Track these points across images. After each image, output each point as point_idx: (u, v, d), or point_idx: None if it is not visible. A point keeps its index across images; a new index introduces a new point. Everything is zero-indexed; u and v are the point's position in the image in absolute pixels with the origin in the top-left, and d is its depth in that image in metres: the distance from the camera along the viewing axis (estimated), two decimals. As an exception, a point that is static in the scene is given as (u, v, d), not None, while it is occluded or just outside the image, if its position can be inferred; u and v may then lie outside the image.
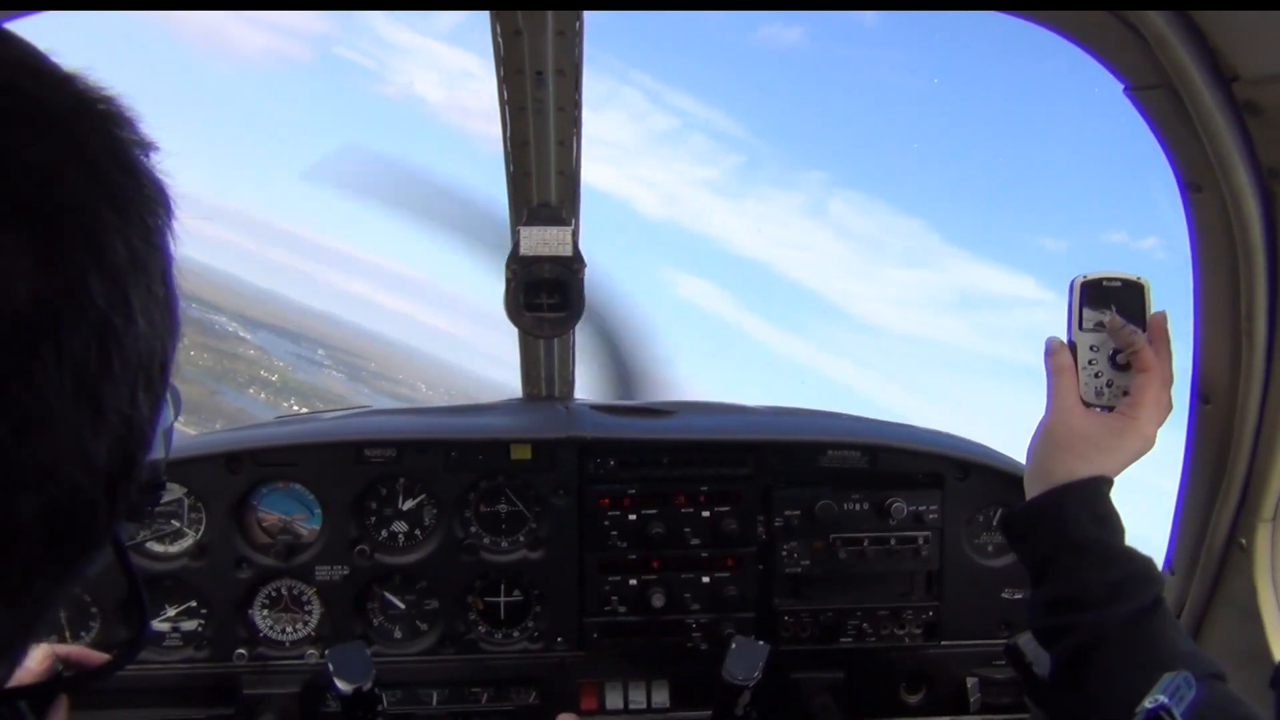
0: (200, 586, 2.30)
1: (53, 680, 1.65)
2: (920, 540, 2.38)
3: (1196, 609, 2.01)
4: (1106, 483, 1.54)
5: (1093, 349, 1.61)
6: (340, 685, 1.93)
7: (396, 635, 2.39)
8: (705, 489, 2.36)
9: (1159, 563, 1.86)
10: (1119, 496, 1.55)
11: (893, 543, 2.38)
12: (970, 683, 2.48)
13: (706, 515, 2.36)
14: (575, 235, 2.33)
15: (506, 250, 2.35)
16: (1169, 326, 1.60)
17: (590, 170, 2.27)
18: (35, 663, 1.69)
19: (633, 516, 2.34)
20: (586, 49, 1.93)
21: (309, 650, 2.33)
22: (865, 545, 2.37)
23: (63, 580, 0.68)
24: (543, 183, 2.23)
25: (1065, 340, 1.64)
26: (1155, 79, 1.61)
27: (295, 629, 2.35)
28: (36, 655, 1.70)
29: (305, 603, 2.35)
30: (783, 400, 2.76)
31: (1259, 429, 1.78)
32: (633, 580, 2.36)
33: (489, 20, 1.85)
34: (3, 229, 0.57)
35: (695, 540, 2.37)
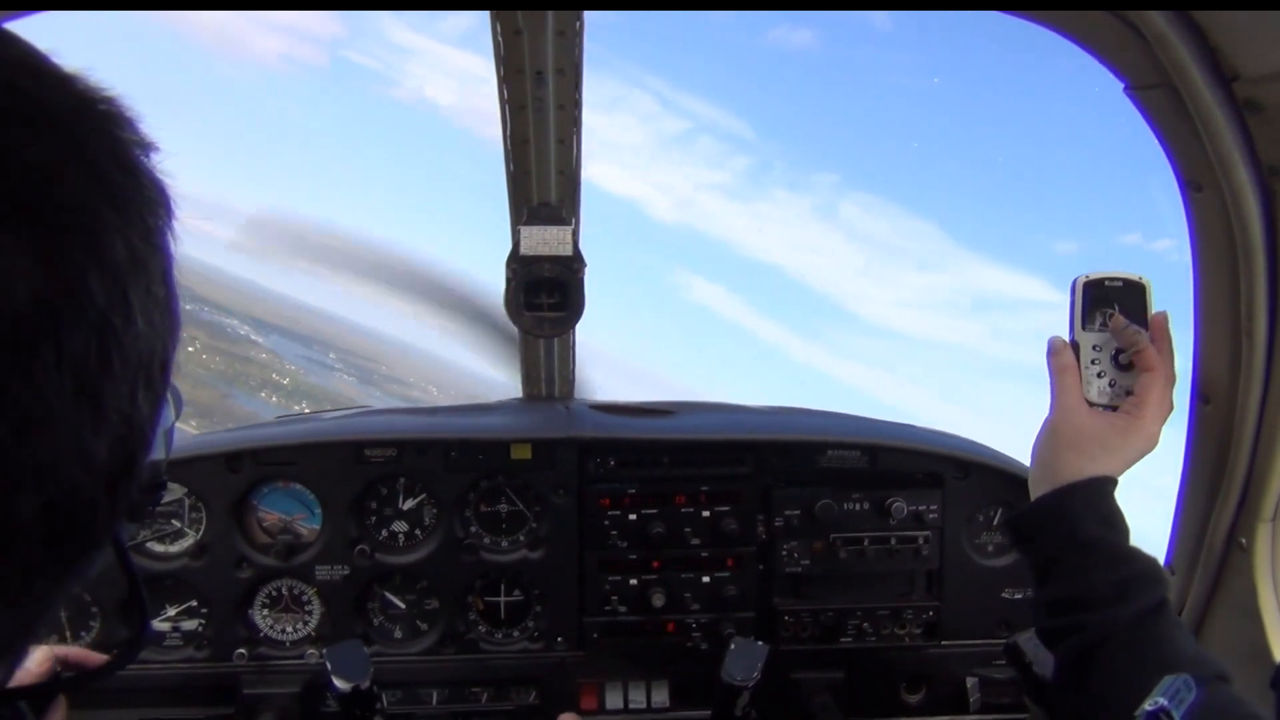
0: (200, 586, 2.30)
1: (52, 680, 1.65)
2: (920, 540, 2.38)
3: (1196, 609, 2.00)
4: (1112, 482, 1.54)
5: (1095, 349, 1.61)
6: (338, 684, 1.93)
7: (397, 635, 2.39)
8: (705, 489, 2.36)
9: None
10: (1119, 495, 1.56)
11: (893, 542, 2.37)
12: (970, 682, 2.48)
13: (706, 515, 2.36)
14: (575, 234, 2.32)
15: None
16: (1169, 326, 1.61)
17: (598, 171, 2.26)
18: (35, 663, 1.69)
19: (633, 516, 2.34)
20: (595, 52, 1.94)
21: (309, 650, 2.33)
22: (865, 545, 2.37)
23: (63, 580, 0.68)
24: (543, 182, 2.23)
25: (1068, 340, 1.64)
26: (1155, 78, 1.61)
27: (295, 629, 2.35)
28: (36, 656, 1.71)
29: (305, 602, 2.35)
30: (791, 402, 2.76)
31: (1259, 429, 1.77)
32: (633, 580, 2.36)
33: (489, 20, 1.85)
34: (3, 229, 0.57)
35: (695, 540, 2.37)
